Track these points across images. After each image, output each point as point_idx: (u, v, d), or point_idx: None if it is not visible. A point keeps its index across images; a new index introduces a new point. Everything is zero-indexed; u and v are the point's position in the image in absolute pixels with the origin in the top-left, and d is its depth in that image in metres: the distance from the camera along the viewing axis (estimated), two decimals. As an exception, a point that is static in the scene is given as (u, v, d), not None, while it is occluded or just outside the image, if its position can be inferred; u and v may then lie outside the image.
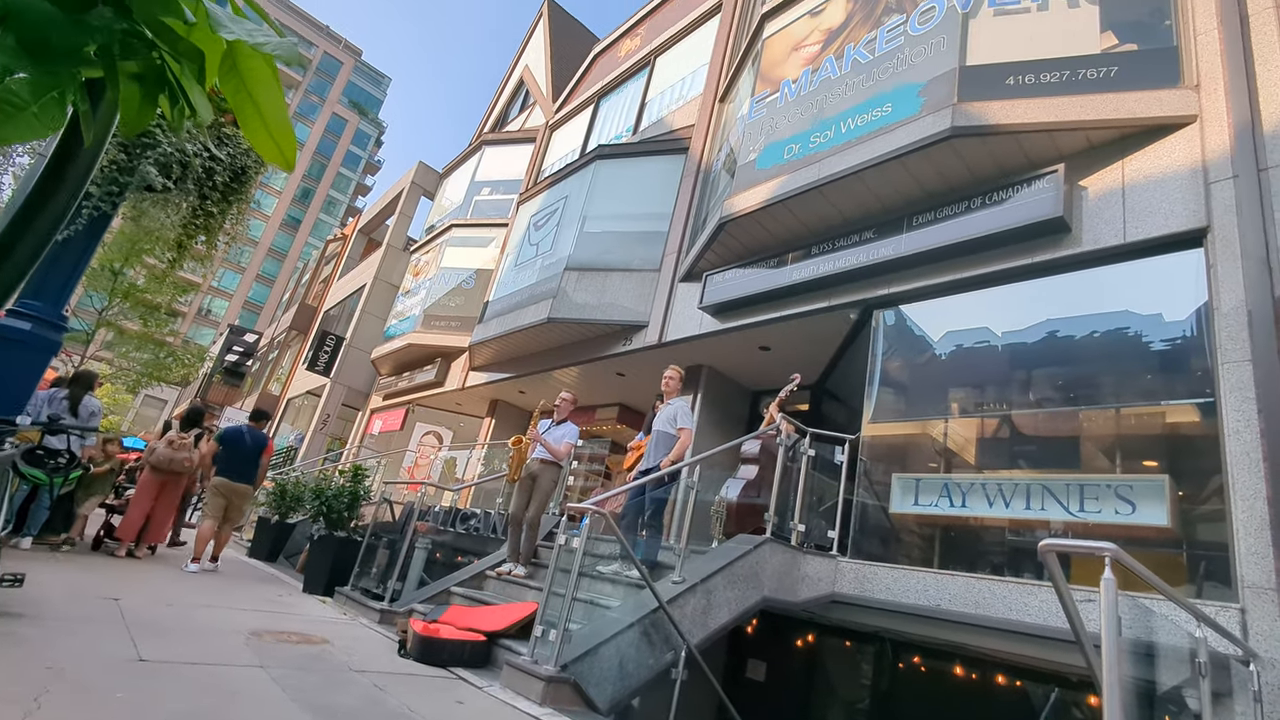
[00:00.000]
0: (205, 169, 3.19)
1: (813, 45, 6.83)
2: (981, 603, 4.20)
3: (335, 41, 69.49)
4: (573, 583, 3.89)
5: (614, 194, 9.63)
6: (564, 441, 5.59)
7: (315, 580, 6.22)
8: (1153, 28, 4.88)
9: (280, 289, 58.01)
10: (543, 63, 16.05)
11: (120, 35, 0.94)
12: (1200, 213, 4.25)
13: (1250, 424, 3.69)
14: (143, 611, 3.81)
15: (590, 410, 11.56)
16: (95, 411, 5.59)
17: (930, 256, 5.43)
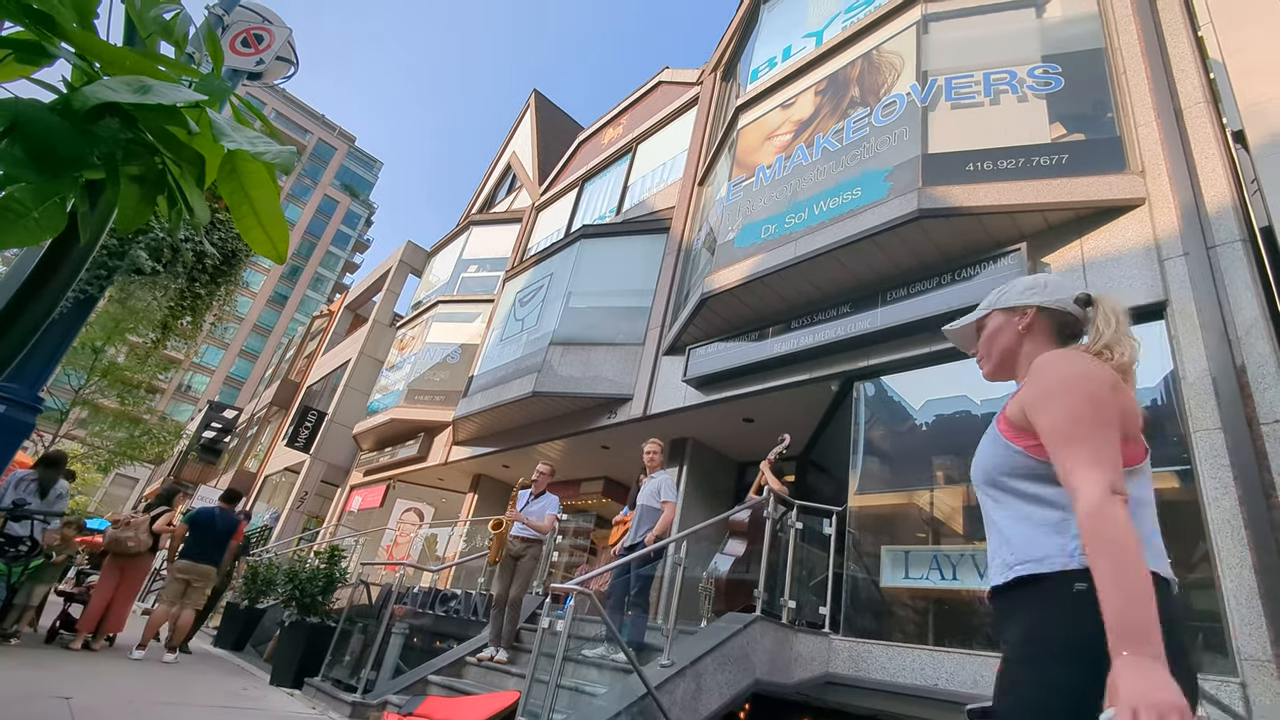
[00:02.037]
0: (196, 253, 3.25)
1: (785, 134, 7.25)
2: (980, 681, 4.07)
3: (330, 129, 72.34)
4: (556, 668, 3.73)
5: (598, 271, 9.89)
6: (546, 515, 5.49)
7: (284, 670, 5.88)
8: (1097, 119, 5.28)
9: (263, 365, 57.63)
10: (529, 148, 16.79)
11: (125, 143, 1.00)
12: (1158, 287, 4.45)
13: (1228, 491, 3.74)
14: (96, 712, 3.57)
15: (575, 484, 11.38)
16: (62, 494, 5.42)
17: (905, 330, 5.58)
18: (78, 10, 1.03)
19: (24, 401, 3.09)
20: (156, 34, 1.23)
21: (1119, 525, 1.01)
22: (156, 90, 0.89)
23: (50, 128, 0.93)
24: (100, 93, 0.86)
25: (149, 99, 0.88)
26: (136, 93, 0.88)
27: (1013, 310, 1.49)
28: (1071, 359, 1.24)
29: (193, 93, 0.95)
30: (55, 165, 0.94)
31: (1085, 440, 1.10)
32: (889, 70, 6.42)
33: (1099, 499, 1.03)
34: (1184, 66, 4.99)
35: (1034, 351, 1.43)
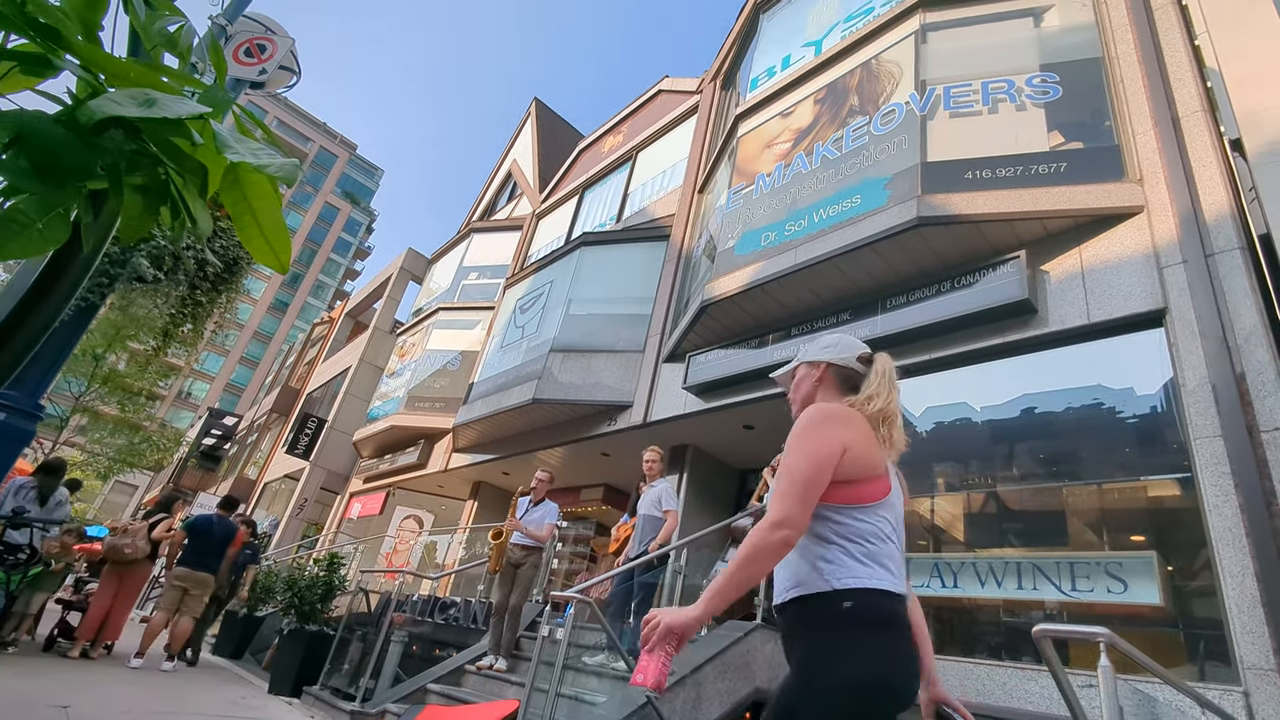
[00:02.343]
0: (197, 261, 3.27)
1: (784, 143, 7.28)
2: (982, 690, 4.05)
3: (331, 137, 72.68)
4: (556, 677, 3.71)
5: (598, 278, 9.91)
6: (545, 524, 5.47)
7: (283, 679, 5.86)
8: (1095, 128, 5.30)
9: (264, 371, 57.64)
10: (530, 157, 16.86)
11: (129, 154, 1.01)
12: (1157, 295, 4.46)
13: (1229, 498, 3.73)
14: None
15: (575, 491, 11.36)
16: (62, 501, 5.41)
17: (906, 337, 5.59)
18: (83, 23, 1.04)
19: (24, 409, 3.10)
20: (161, 45, 1.24)
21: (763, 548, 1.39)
22: (161, 103, 0.90)
23: (55, 139, 0.94)
24: (105, 107, 0.87)
25: (154, 112, 0.88)
26: (141, 106, 0.89)
27: (813, 364, 1.75)
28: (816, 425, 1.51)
29: (196, 105, 0.95)
30: (60, 176, 0.94)
31: (791, 488, 1.43)
32: (888, 79, 6.46)
33: (767, 526, 1.40)
34: (1181, 75, 5.01)
35: (825, 399, 1.69)
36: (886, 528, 1.49)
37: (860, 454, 1.49)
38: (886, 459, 1.55)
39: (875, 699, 1.33)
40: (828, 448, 1.46)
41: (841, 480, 1.47)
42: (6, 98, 1.01)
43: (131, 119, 0.91)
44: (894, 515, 1.54)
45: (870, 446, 1.52)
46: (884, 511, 1.50)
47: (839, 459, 1.46)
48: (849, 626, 1.39)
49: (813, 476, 1.44)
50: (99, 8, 1.06)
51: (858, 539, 1.45)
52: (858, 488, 1.48)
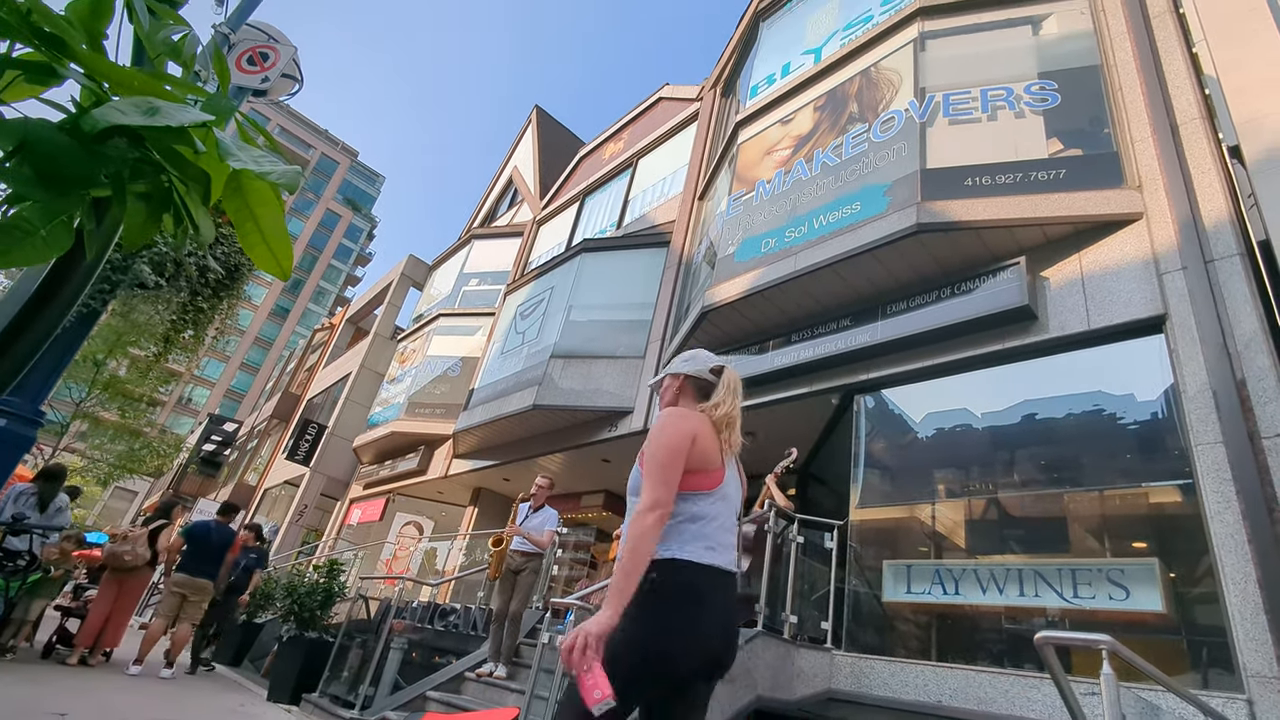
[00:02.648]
0: (199, 267, 3.27)
1: (784, 150, 7.31)
2: (984, 698, 4.03)
3: (333, 144, 72.94)
4: (557, 684, 3.70)
5: (599, 284, 9.92)
6: (545, 530, 5.46)
7: (281, 686, 5.83)
8: (1094, 135, 5.32)
9: (264, 377, 57.65)
10: (531, 163, 16.91)
11: (132, 162, 1.02)
12: (1156, 301, 4.46)
13: (1230, 505, 3.72)
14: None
15: (575, 497, 11.34)
16: (62, 508, 5.40)
17: (906, 343, 5.59)
18: (87, 32, 1.05)
19: (25, 415, 3.10)
20: (165, 54, 1.25)
21: (641, 531, 1.61)
22: (164, 112, 0.91)
23: (59, 147, 0.94)
24: (109, 115, 0.87)
25: (157, 121, 0.89)
26: (145, 115, 0.89)
27: (675, 375, 2.03)
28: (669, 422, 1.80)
29: (199, 113, 0.96)
30: (63, 184, 0.95)
31: (653, 474, 1.70)
32: (887, 86, 6.49)
33: (642, 510, 1.64)
34: (1179, 83, 5.03)
35: (683, 404, 1.99)
36: (717, 510, 1.79)
37: (701, 448, 1.79)
38: (724, 455, 1.87)
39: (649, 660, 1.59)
40: (680, 440, 1.75)
41: (685, 470, 1.74)
42: (11, 106, 1.01)
43: (135, 127, 0.91)
44: (729, 501, 1.85)
45: (710, 443, 1.82)
46: (717, 498, 1.81)
47: (689, 449, 1.75)
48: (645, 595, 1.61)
49: (669, 462, 1.72)
50: (103, 17, 1.06)
51: (688, 519, 1.74)
52: (697, 477, 1.78)
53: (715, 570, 1.70)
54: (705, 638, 1.64)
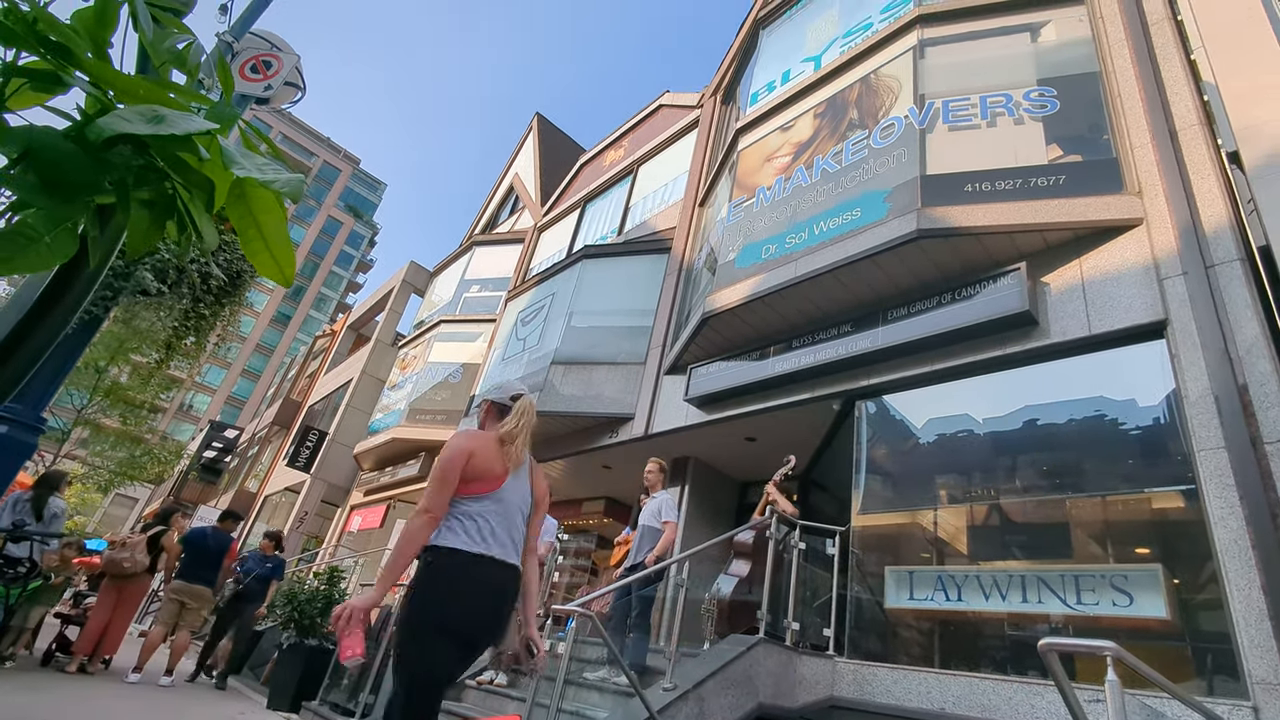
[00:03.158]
0: (201, 274, 3.28)
1: (784, 156, 7.33)
2: (988, 706, 4.01)
3: (335, 151, 73.25)
4: (558, 692, 3.68)
5: (600, 291, 9.93)
6: (543, 542, 5.44)
7: (281, 694, 5.81)
8: (1093, 141, 5.33)
9: (265, 384, 57.68)
10: (532, 170, 16.97)
11: (136, 169, 1.02)
12: (1157, 306, 4.46)
13: (1234, 511, 3.71)
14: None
15: (576, 504, 11.32)
16: (58, 514, 5.38)
17: (907, 349, 5.59)
18: (93, 40, 1.05)
19: (27, 422, 3.11)
20: (169, 62, 1.25)
21: (411, 530, 2.09)
22: (169, 120, 0.91)
23: (64, 154, 0.94)
24: (115, 125, 0.88)
25: (162, 130, 0.89)
26: (150, 123, 0.90)
27: (485, 401, 2.54)
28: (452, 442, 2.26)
29: (204, 121, 0.96)
30: (68, 191, 0.95)
31: (431, 484, 2.17)
32: (887, 93, 6.51)
33: (414, 515, 2.11)
34: (1178, 89, 5.05)
35: (487, 425, 2.49)
36: (491, 510, 2.22)
37: (479, 462, 2.23)
38: (507, 466, 2.30)
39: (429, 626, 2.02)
40: (456, 457, 2.21)
41: (463, 479, 2.20)
42: (17, 113, 1.02)
43: (140, 136, 0.92)
44: (505, 503, 2.26)
45: (490, 457, 2.27)
46: (493, 500, 2.24)
47: (464, 464, 2.20)
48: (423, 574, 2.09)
49: (443, 477, 2.17)
50: (108, 25, 1.07)
51: (465, 517, 2.18)
52: (475, 484, 2.22)
53: (482, 557, 2.13)
54: (473, 608, 2.09)
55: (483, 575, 2.11)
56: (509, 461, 2.30)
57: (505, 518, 2.24)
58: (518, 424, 2.37)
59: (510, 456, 2.30)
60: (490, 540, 2.16)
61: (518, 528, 2.30)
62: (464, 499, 2.20)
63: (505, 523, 2.23)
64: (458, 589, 2.06)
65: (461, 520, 2.16)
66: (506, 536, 2.22)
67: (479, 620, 2.10)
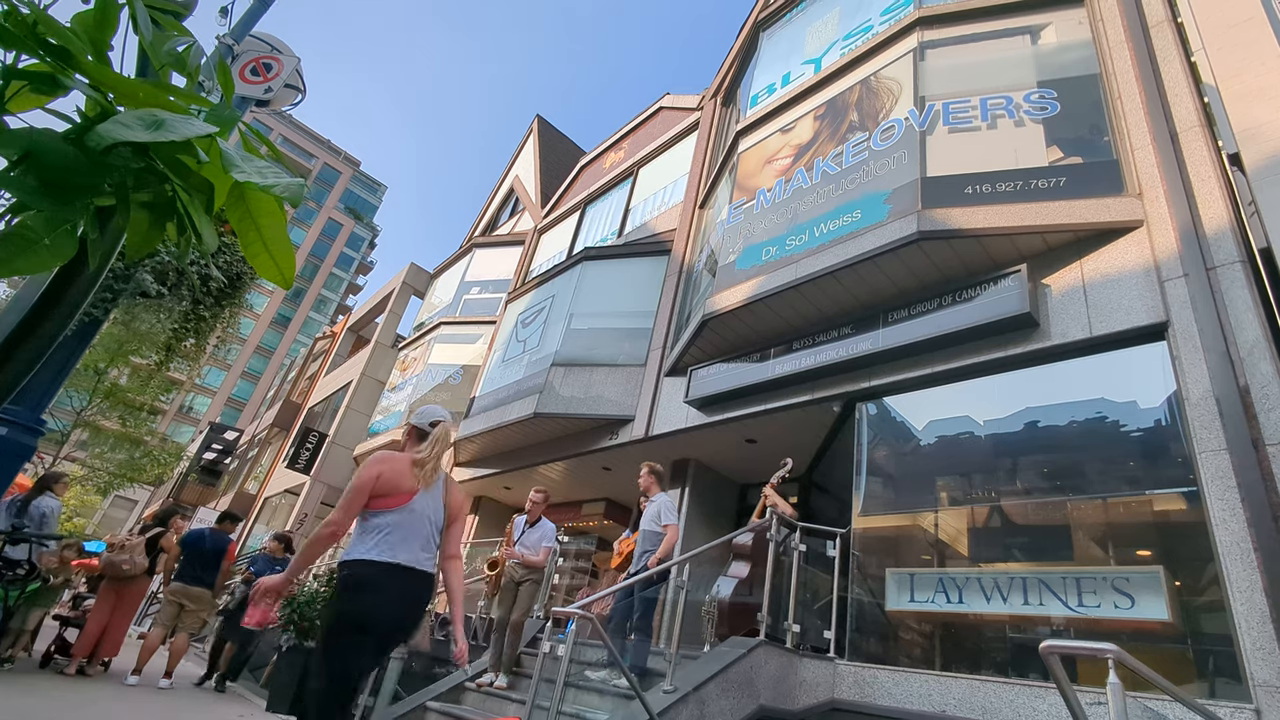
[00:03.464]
0: (201, 276, 3.28)
1: (784, 158, 7.33)
2: (989, 708, 4.00)
3: (335, 153, 73.29)
4: (558, 694, 3.67)
5: (600, 293, 9.93)
6: (542, 546, 5.43)
7: (280, 697, 5.79)
8: (1093, 143, 5.33)
9: (265, 386, 57.67)
10: (532, 172, 16.98)
11: (136, 171, 1.02)
12: (1158, 308, 4.46)
13: (1236, 513, 3.70)
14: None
15: (577, 506, 11.31)
16: (47, 513, 5.34)
17: (907, 351, 5.59)
18: (92, 43, 1.05)
19: (26, 424, 3.10)
20: (169, 65, 1.25)
21: (316, 538, 2.43)
22: (169, 125, 0.91)
23: (64, 157, 0.94)
24: (115, 131, 0.87)
25: (162, 135, 0.89)
26: (150, 129, 0.90)
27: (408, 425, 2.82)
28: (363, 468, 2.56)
29: (204, 125, 0.96)
30: (68, 193, 0.95)
31: (341, 501, 2.49)
32: (887, 95, 6.52)
33: (322, 526, 2.43)
34: (1178, 91, 5.05)
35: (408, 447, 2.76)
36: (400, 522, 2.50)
37: (387, 481, 2.52)
38: (417, 485, 2.57)
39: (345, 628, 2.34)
40: (364, 482, 2.51)
41: (373, 496, 2.50)
42: (17, 116, 1.02)
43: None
44: (416, 516, 2.54)
45: (400, 476, 2.55)
46: (403, 514, 2.52)
47: (373, 484, 2.51)
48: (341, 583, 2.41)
49: (351, 498, 2.49)
50: (108, 28, 1.07)
51: (377, 530, 2.47)
52: (385, 500, 2.51)
53: (392, 565, 2.43)
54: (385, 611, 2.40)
55: (392, 582, 2.41)
56: (420, 481, 2.58)
57: (415, 530, 2.53)
58: (431, 450, 2.65)
59: (421, 477, 2.59)
60: (399, 550, 2.45)
61: (431, 539, 2.60)
62: (377, 513, 2.50)
63: (416, 535, 2.52)
64: (371, 595, 2.38)
65: (374, 534, 2.47)
66: (417, 547, 2.51)
67: (390, 621, 2.42)
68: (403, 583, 2.42)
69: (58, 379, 3.28)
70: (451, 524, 2.71)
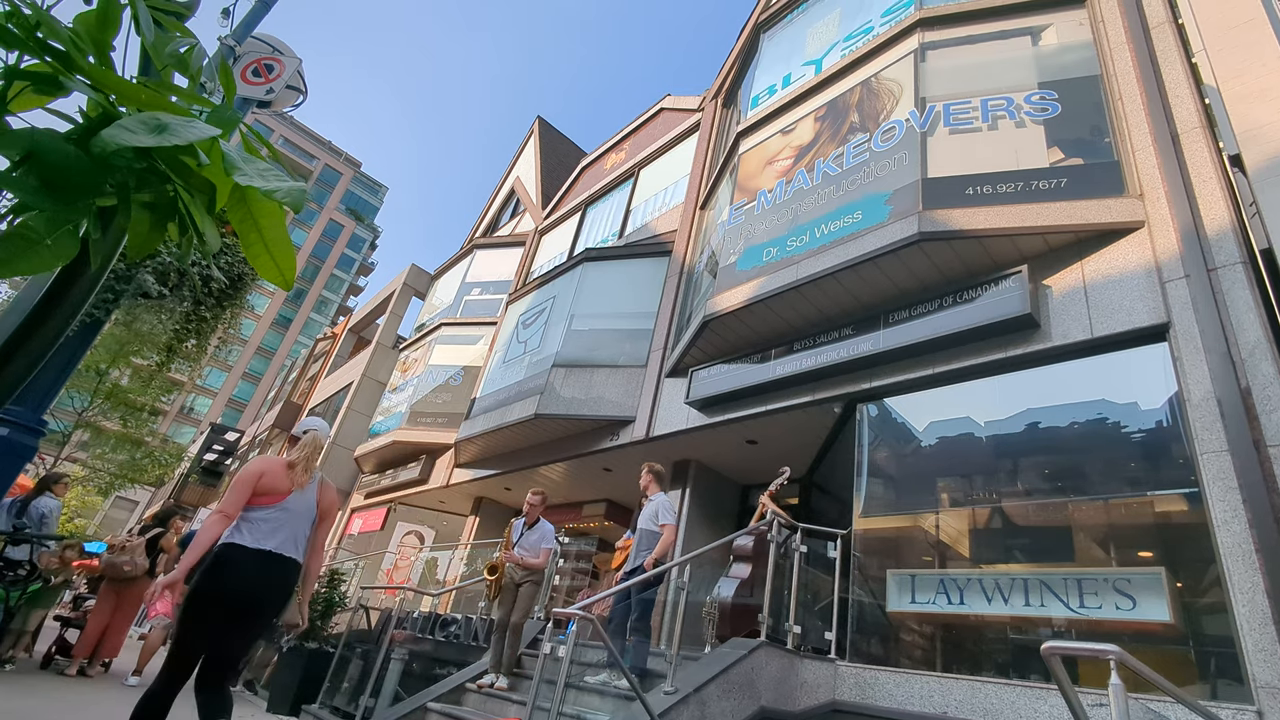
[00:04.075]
0: (202, 277, 3.28)
1: (785, 160, 7.34)
2: (990, 710, 3.99)
3: (336, 154, 73.36)
4: (558, 696, 3.67)
5: (601, 293, 9.93)
6: (541, 549, 5.43)
7: (281, 697, 5.80)
8: (1094, 144, 5.33)
9: (266, 387, 57.69)
10: (533, 174, 16.99)
11: (138, 172, 1.02)
12: (1160, 309, 4.46)
13: (1238, 514, 3.70)
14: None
15: (577, 507, 11.30)
16: (46, 514, 5.35)
17: (908, 352, 5.58)
18: (95, 43, 1.05)
19: (28, 424, 3.10)
20: (172, 66, 1.25)
21: (206, 526, 2.79)
22: (172, 129, 0.91)
23: (65, 157, 0.94)
24: (119, 136, 0.87)
25: (165, 140, 0.89)
26: (153, 133, 0.90)
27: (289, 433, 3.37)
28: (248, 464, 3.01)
29: (207, 127, 0.96)
30: (69, 194, 0.95)
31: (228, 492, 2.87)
32: (888, 97, 6.52)
33: (213, 512, 2.85)
34: (1179, 92, 5.05)
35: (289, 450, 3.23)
36: (273, 516, 2.91)
37: (266, 480, 2.95)
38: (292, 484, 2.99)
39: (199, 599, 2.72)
40: (247, 477, 2.93)
41: (255, 493, 2.92)
42: (19, 116, 1.02)
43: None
44: (290, 513, 2.96)
45: (276, 476, 2.97)
46: (276, 509, 2.93)
47: (255, 481, 2.92)
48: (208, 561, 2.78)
49: (237, 490, 2.89)
50: (110, 28, 1.07)
51: (252, 521, 2.89)
52: (262, 498, 2.93)
53: (255, 549, 2.83)
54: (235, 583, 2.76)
55: (251, 562, 2.80)
56: (293, 482, 3.00)
57: (285, 524, 2.94)
58: (300, 455, 3.09)
59: (293, 479, 3.00)
60: (267, 539, 2.87)
61: (300, 532, 3.01)
62: (255, 508, 2.92)
63: (285, 527, 2.94)
64: (226, 572, 2.77)
65: (250, 524, 2.89)
66: (289, 537, 2.94)
67: (240, 594, 2.78)
68: (261, 564, 2.82)
69: (59, 380, 3.28)
70: (321, 521, 3.13)
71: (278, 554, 2.86)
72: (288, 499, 2.95)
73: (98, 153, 0.88)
